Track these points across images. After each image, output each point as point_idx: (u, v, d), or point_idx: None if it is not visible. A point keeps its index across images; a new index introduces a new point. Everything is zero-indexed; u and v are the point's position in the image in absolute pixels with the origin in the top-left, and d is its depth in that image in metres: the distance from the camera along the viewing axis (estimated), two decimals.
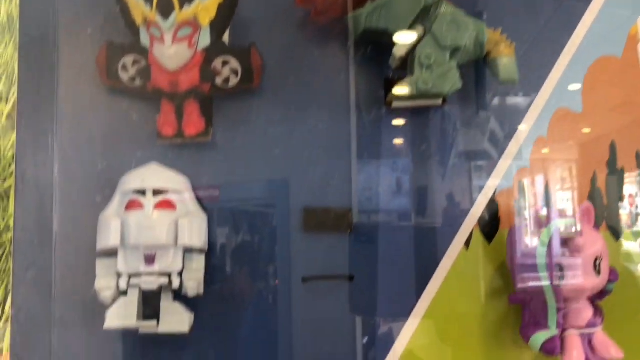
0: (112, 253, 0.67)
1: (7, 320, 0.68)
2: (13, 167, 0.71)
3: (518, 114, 0.78)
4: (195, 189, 0.72)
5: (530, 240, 0.71)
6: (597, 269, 0.69)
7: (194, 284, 0.68)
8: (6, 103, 0.71)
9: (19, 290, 0.69)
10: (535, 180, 0.78)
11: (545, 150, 0.78)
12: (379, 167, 0.77)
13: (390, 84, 0.73)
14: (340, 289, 0.73)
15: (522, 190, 0.77)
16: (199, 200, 0.72)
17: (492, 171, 0.77)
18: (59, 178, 0.71)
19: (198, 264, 0.69)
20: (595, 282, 0.69)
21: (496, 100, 0.78)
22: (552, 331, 0.68)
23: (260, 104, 0.75)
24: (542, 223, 0.71)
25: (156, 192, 0.67)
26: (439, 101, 0.75)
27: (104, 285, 0.66)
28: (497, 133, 0.78)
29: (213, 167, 0.74)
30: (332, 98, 0.75)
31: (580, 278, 0.68)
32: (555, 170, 0.78)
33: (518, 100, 0.78)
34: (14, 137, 0.71)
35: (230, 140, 0.74)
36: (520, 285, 0.70)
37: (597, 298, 0.71)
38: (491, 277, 0.75)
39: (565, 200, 0.78)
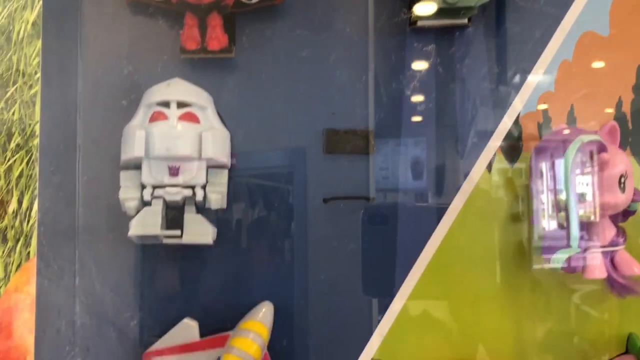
0: (136, 165, 0.67)
1: (33, 224, 0.68)
2: (39, 74, 0.71)
3: (543, 37, 0.76)
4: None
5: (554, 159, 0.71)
6: (621, 187, 0.68)
7: (217, 196, 0.68)
8: (31, 11, 0.71)
9: (45, 195, 0.69)
10: (560, 103, 0.77)
11: (570, 74, 0.77)
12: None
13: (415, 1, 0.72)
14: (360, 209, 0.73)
15: (546, 112, 0.76)
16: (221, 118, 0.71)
17: (517, 94, 0.76)
18: (84, 85, 0.71)
19: (221, 178, 0.69)
20: (619, 200, 0.69)
21: (519, 26, 0.77)
22: (575, 249, 0.68)
23: (284, 24, 0.74)
24: (566, 142, 0.70)
25: (180, 105, 0.67)
26: (465, 20, 0.74)
27: (128, 195, 0.66)
28: (521, 55, 0.77)
29: (236, 87, 0.73)
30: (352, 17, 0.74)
31: (604, 194, 0.68)
32: (580, 93, 0.77)
33: (543, 22, 0.77)
34: (39, 44, 0.71)
35: (254, 61, 0.74)
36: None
37: (620, 218, 0.71)
38: (512, 200, 0.75)
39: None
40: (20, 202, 0.68)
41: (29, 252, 0.68)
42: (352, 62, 0.74)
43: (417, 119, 0.75)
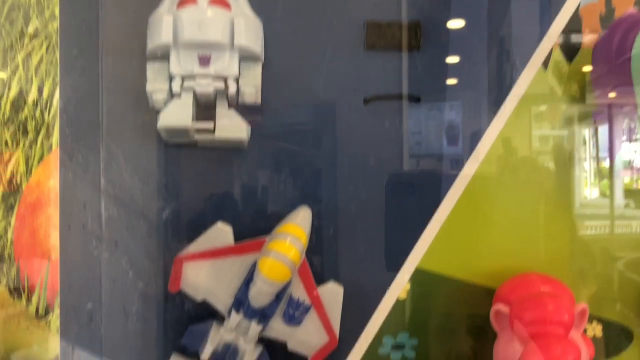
0: (163, 54, 0.62)
1: (55, 114, 0.64)
2: None
3: None
4: None
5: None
6: None
7: (251, 89, 0.63)
8: None
9: (67, 82, 0.64)
10: None
11: None
12: None
13: None
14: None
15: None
16: None
17: None
18: None
19: (255, 71, 0.64)
20: None
21: None
22: None
23: None
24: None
25: None
26: None
27: (156, 87, 0.62)
28: None
29: None
30: None
31: None
32: None
33: None
34: None
35: None
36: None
37: None
38: (570, 99, 0.69)
39: None
40: (40, 91, 0.64)
41: (51, 144, 0.64)
42: None
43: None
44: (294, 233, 0.63)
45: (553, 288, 0.62)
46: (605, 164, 0.73)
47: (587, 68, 0.71)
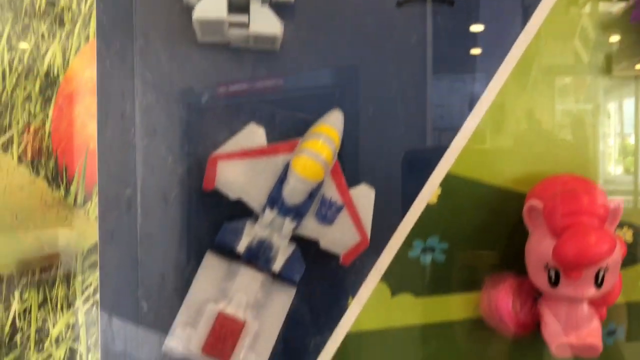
0: None
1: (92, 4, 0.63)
2: None
3: None
4: None
5: None
6: None
7: None
8: None
9: None
10: None
11: None
12: None
13: None
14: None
15: None
16: None
17: None
18: None
19: None
20: None
21: None
22: None
23: None
24: None
25: None
26: None
27: None
28: None
29: None
30: None
31: None
32: None
33: None
34: None
35: None
36: None
37: None
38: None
39: None
40: None
41: (88, 35, 0.64)
42: None
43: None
44: (327, 133, 0.63)
45: (586, 185, 0.62)
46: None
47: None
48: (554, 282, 0.60)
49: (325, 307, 0.67)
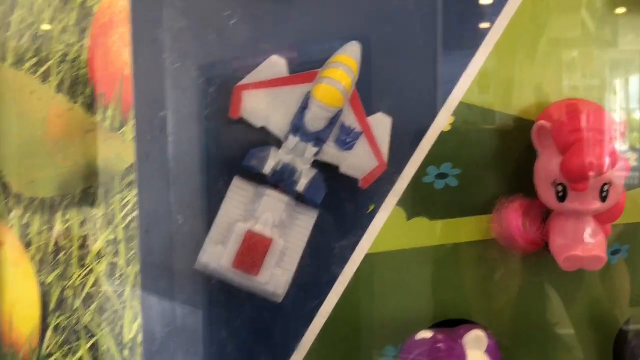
0: None
1: None
2: None
3: None
4: None
5: None
6: None
7: None
8: None
9: None
10: None
11: None
12: None
13: None
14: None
15: None
16: None
17: None
18: None
19: None
20: None
21: None
22: None
23: None
24: None
25: None
26: None
27: None
28: None
29: None
30: None
31: None
32: None
33: None
34: None
35: None
36: None
37: None
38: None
39: None
40: None
41: None
42: None
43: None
44: (346, 63, 0.66)
45: (593, 105, 0.65)
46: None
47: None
48: (561, 197, 0.64)
49: (347, 218, 0.71)
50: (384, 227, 0.72)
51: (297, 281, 0.68)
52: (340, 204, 0.71)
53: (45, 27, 0.68)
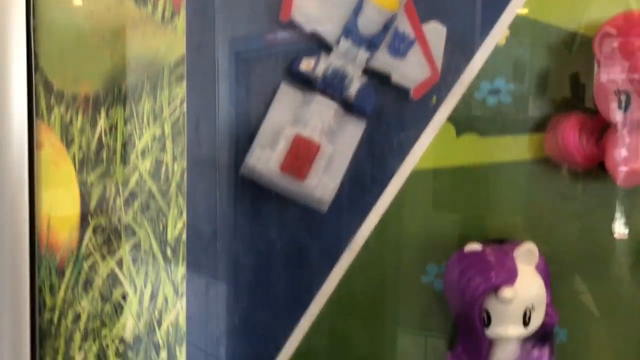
0: None
1: None
2: None
3: None
4: None
5: None
6: None
7: None
8: None
9: None
10: None
11: None
12: None
13: None
14: None
15: None
16: None
17: None
18: None
19: None
20: None
21: None
22: None
23: None
24: None
25: None
26: None
27: None
28: None
29: None
30: None
31: None
32: None
33: None
34: None
35: None
36: None
37: None
38: None
39: None
40: None
41: None
42: None
43: None
44: None
45: None
46: None
47: None
48: (625, 106, 0.61)
49: (394, 138, 0.69)
50: (432, 143, 0.71)
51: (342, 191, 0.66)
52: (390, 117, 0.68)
53: None
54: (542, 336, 0.66)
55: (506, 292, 0.60)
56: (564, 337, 0.70)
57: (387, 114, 0.69)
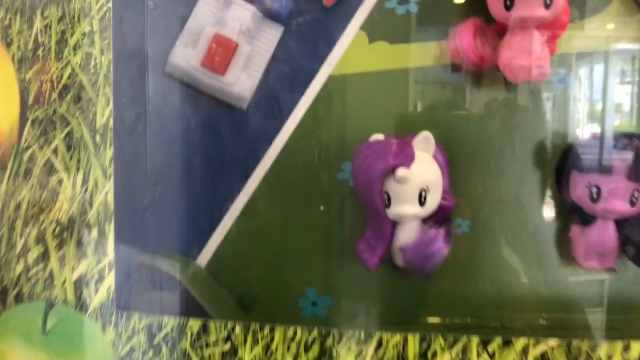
0: None
1: None
2: None
3: None
4: None
5: None
6: None
7: None
8: None
9: None
10: None
11: None
12: None
13: None
14: None
15: None
16: None
17: None
18: None
19: None
20: None
21: None
22: None
23: None
24: None
25: None
26: None
27: None
28: None
29: None
30: None
31: None
32: None
33: None
34: None
35: None
36: None
37: None
38: None
39: None
40: None
41: None
42: None
43: None
44: None
45: None
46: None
47: None
48: (509, 6, 0.68)
49: (311, 44, 0.75)
50: (347, 51, 0.77)
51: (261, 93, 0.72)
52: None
53: None
54: (440, 219, 0.72)
55: (401, 171, 0.66)
56: (465, 228, 0.77)
57: (303, 20, 0.75)
